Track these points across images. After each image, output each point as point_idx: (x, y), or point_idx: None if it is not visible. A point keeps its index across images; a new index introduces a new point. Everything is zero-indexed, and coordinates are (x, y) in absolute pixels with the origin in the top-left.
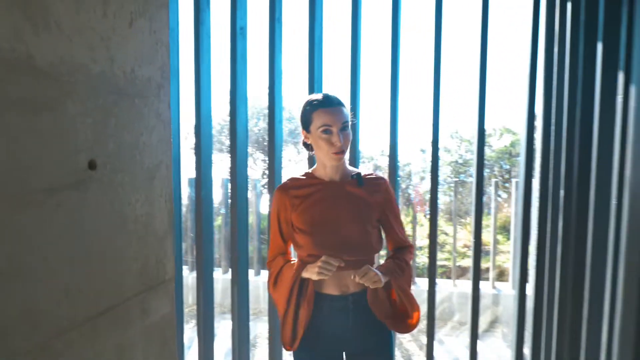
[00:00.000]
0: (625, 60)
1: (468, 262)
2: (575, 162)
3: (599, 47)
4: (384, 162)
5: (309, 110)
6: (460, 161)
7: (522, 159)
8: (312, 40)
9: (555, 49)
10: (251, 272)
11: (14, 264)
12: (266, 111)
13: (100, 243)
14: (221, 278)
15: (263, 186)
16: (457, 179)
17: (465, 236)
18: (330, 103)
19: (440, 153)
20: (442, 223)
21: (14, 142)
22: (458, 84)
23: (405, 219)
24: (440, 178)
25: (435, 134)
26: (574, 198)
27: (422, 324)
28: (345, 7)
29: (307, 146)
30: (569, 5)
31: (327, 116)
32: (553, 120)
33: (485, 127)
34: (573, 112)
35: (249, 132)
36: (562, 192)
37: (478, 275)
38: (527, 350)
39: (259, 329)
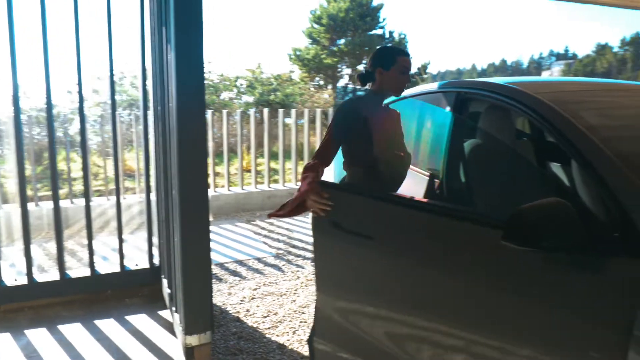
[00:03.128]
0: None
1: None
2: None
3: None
4: (27, 105)
5: (393, 54)
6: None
7: (140, 97)
8: None
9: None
10: None
11: None
12: None
13: None
14: None
15: None
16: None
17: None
18: (409, 55)
19: (88, 94)
20: (96, 158)
21: None
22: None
23: (58, 157)
24: (90, 118)
25: (79, 76)
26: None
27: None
28: None
29: (367, 78)
30: None
31: (408, 63)
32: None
33: (115, 70)
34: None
35: None
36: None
37: (118, 193)
38: (155, 240)
39: None
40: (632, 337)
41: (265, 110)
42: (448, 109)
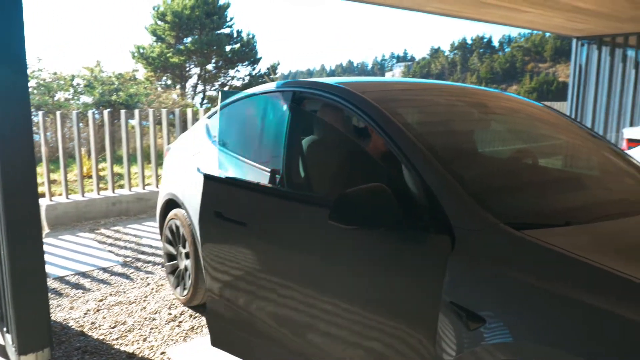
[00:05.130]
0: None
1: None
2: None
3: None
4: None
5: None
6: None
7: None
8: None
9: None
10: None
11: None
12: None
13: None
14: None
15: None
16: None
17: None
18: None
19: None
20: None
21: None
22: None
23: None
24: None
25: None
26: None
27: None
28: None
29: None
30: None
31: None
32: None
33: None
34: None
35: None
36: None
37: None
38: None
39: None
40: (440, 302)
41: (106, 112)
42: (286, 107)
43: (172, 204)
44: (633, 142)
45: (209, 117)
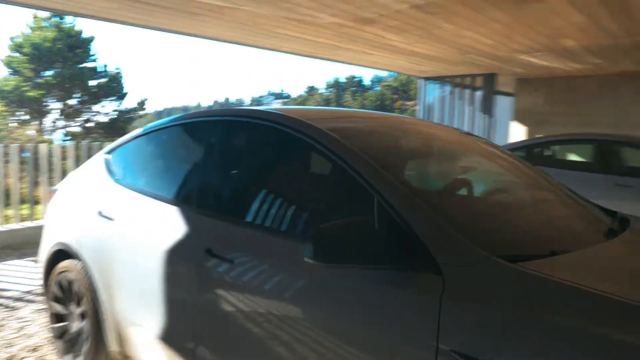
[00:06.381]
0: None
1: None
2: None
3: None
4: None
5: None
6: None
7: None
8: None
9: None
10: None
11: None
12: None
13: None
14: None
15: None
16: None
17: None
18: None
19: None
20: None
21: None
22: None
23: None
24: None
25: None
26: None
27: None
28: None
29: None
30: None
31: None
32: None
33: None
34: None
35: None
36: None
37: None
38: None
39: None
40: (438, 351)
41: None
42: (218, 138)
43: (62, 255)
44: None
45: (109, 152)
